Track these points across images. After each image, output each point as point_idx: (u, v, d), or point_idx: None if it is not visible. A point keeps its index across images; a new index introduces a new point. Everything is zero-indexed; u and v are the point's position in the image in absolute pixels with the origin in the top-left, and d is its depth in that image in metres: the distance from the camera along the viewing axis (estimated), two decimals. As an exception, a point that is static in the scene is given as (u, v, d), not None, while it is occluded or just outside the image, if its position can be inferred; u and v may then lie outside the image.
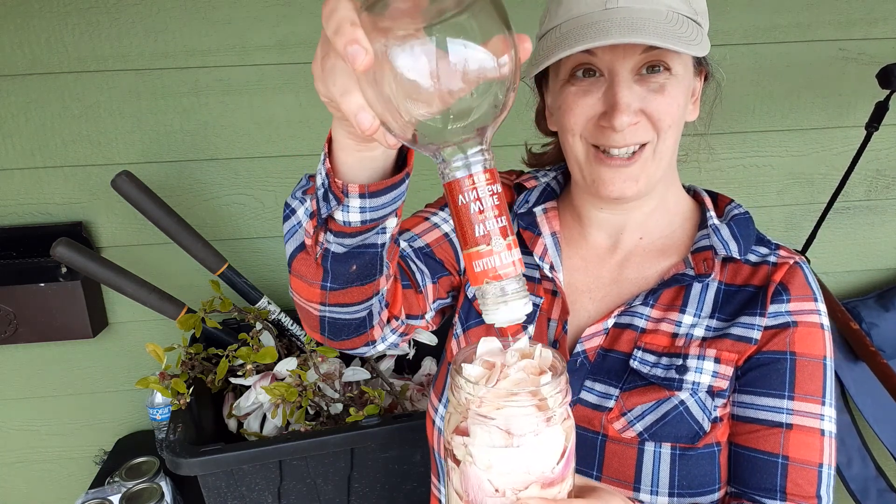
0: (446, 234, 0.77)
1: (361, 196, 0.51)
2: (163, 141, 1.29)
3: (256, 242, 1.39)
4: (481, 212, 0.42)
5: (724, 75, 0.73)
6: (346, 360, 1.16)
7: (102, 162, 1.29)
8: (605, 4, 0.62)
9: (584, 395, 0.68)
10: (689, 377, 0.63)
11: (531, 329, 0.72)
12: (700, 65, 0.68)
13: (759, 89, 1.38)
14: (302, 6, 1.23)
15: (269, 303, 1.22)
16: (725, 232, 0.67)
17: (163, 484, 1.17)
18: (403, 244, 0.73)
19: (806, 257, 0.66)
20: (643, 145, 0.64)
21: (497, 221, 0.42)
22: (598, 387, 0.67)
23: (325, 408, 1.08)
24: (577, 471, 0.48)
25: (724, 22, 1.32)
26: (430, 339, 1.18)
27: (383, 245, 0.57)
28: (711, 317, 0.66)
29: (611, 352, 0.68)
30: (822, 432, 0.61)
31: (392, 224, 0.56)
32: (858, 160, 1.27)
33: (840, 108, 1.42)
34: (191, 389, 1.03)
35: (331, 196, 0.52)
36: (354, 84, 0.43)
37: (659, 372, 0.64)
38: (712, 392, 0.63)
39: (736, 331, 0.64)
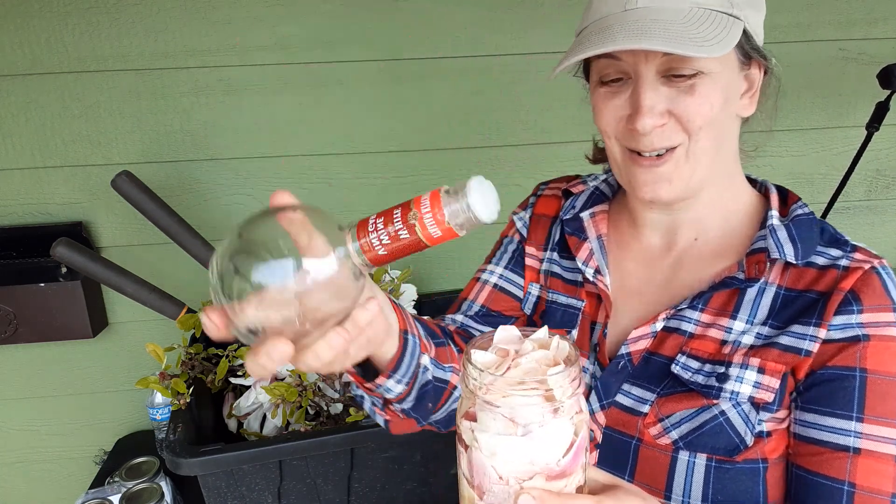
0: (494, 285, 0.79)
1: (391, 377, 0.58)
2: (163, 141, 1.29)
3: (256, 242, 1.39)
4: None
5: (779, 67, 0.68)
6: (346, 360, 1.16)
7: (102, 162, 1.29)
8: (624, 6, 0.62)
9: (621, 398, 0.66)
10: (729, 386, 0.60)
11: (574, 333, 0.72)
12: (749, 57, 0.63)
13: (759, 89, 1.38)
14: (302, 6, 1.23)
15: (269, 303, 1.22)
16: (783, 234, 0.63)
17: (163, 484, 1.17)
18: (460, 318, 0.77)
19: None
20: (674, 147, 0.62)
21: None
22: (636, 391, 0.65)
23: (325, 408, 1.08)
24: (611, 473, 0.48)
25: (724, 22, 1.32)
26: (430, 339, 1.18)
27: (434, 375, 0.63)
28: (764, 324, 0.62)
29: (655, 355, 0.65)
30: None
31: (426, 360, 0.61)
32: (859, 160, 1.27)
33: (840, 108, 1.42)
34: (191, 389, 1.03)
35: (375, 395, 0.61)
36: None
37: (700, 379, 0.62)
38: (755, 404, 0.60)
39: (785, 340, 0.60)
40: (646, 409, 0.64)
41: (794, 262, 0.61)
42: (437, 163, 1.37)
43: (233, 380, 1.08)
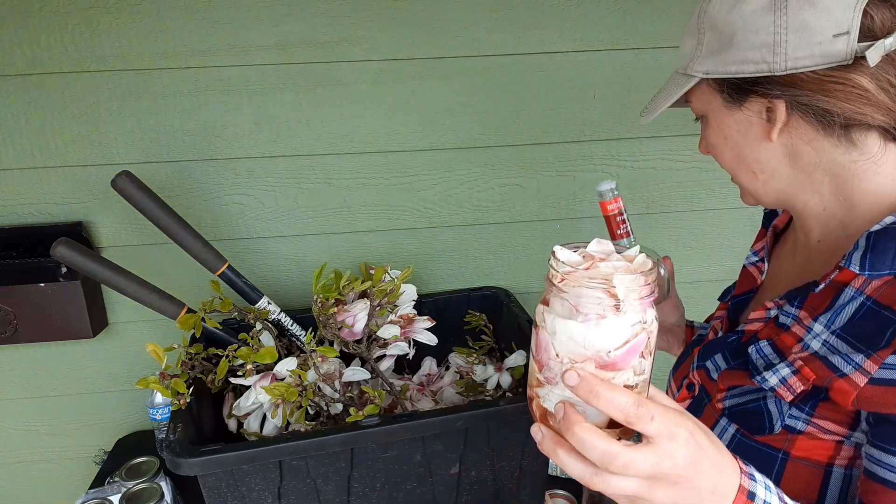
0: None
1: None
2: (163, 141, 1.29)
3: (256, 242, 1.39)
4: None
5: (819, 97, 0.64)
6: (347, 360, 1.16)
7: (102, 162, 1.29)
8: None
9: (709, 364, 0.74)
10: (765, 373, 0.64)
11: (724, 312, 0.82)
12: (737, 98, 0.65)
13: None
14: (302, 6, 1.23)
15: (269, 303, 1.22)
16: (863, 241, 0.61)
17: (163, 484, 1.17)
18: None
19: None
20: None
21: None
22: (718, 359, 0.72)
23: (325, 408, 1.08)
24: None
25: (723, 22, 1.33)
26: (429, 340, 1.18)
27: None
28: (836, 333, 0.60)
29: (754, 337, 0.70)
30: None
31: None
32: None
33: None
34: (191, 389, 1.03)
35: None
36: None
37: (760, 362, 0.66)
38: (776, 398, 0.63)
39: (834, 359, 0.59)
40: (715, 376, 0.72)
41: (861, 273, 0.60)
42: (437, 163, 1.37)
43: (233, 380, 1.08)
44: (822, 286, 0.64)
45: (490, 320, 1.36)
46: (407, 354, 1.21)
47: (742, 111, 0.66)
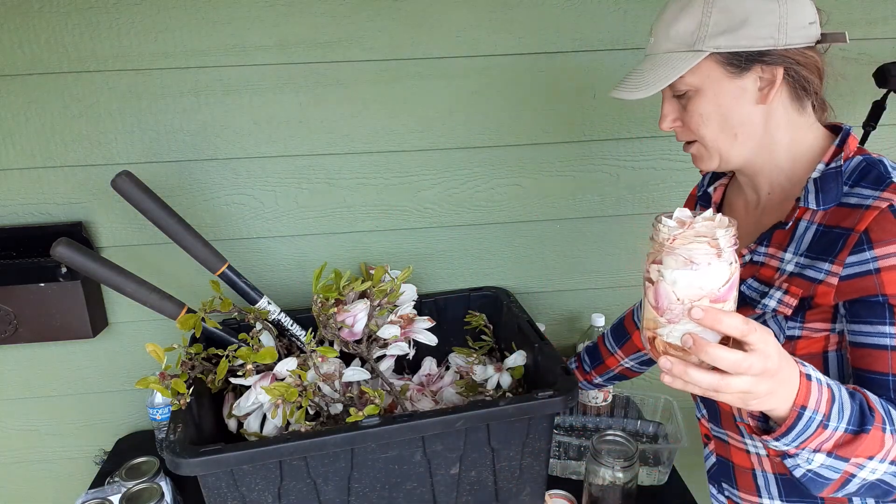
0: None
1: None
2: (163, 141, 1.29)
3: (256, 242, 1.39)
4: None
5: (811, 55, 0.83)
6: (347, 360, 1.16)
7: (102, 162, 1.29)
8: (646, 51, 0.87)
9: None
10: (764, 301, 0.82)
11: None
12: (741, 66, 0.79)
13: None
14: (302, 6, 1.23)
15: (269, 303, 1.22)
16: (811, 185, 0.80)
17: (163, 484, 1.17)
18: None
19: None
20: (693, 141, 0.86)
21: None
22: None
23: (325, 408, 1.08)
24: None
25: (723, 22, 1.33)
26: (429, 340, 1.18)
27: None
28: (803, 255, 0.79)
29: (741, 279, 0.85)
30: None
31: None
32: (858, 160, 1.27)
33: (840, 108, 1.41)
34: (191, 389, 1.03)
35: None
36: None
37: (754, 295, 0.84)
38: (777, 315, 0.80)
39: (808, 272, 0.78)
40: None
41: (816, 208, 0.79)
42: (437, 163, 1.37)
43: (233, 380, 1.08)
44: (789, 224, 0.82)
45: (490, 320, 1.36)
46: (407, 354, 1.21)
47: (743, 79, 0.80)
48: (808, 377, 0.67)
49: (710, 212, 0.66)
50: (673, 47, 0.81)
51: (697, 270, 0.61)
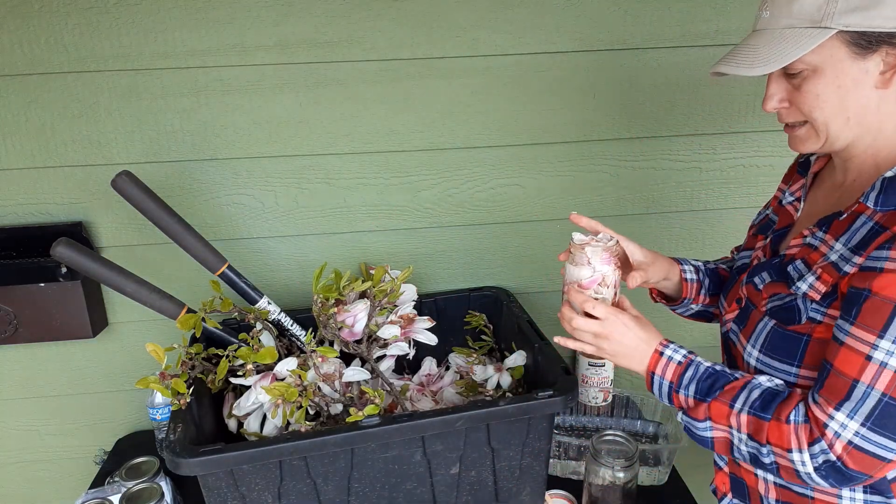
0: (756, 223, 1.07)
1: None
2: (163, 141, 1.29)
3: (256, 242, 1.39)
4: None
5: None
6: (347, 360, 1.16)
7: (102, 162, 1.29)
8: (755, 25, 0.83)
9: (756, 279, 0.92)
10: (798, 283, 0.84)
11: (766, 241, 0.99)
12: (867, 46, 0.75)
13: (759, 89, 1.38)
14: (302, 6, 1.23)
15: (269, 303, 1.22)
16: (878, 184, 0.79)
17: (163, 484, 1.17)
18: None
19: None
20: (799, 123, 0.84)
21: None
22: (764, 275, 0.91)
23: (326, 408, 1.08)
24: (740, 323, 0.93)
25: (724, 22, 1.33)
26: (429, 340, 1.18)
27: (702, 304, 1.13)
28: (850, 248, 0.79)
29: (792, 259, 0.87)
30: (869, 357, 0.74)
31: (690, 303, 1.12)
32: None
33: None
34: (191, 389, 1.03)
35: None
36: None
37: (793, 274, 0.85)
38: (806, 298, 0.82)
39: (841, 264, 0.79)
40: (761, 287, 0.91)
41: (874, 208, 0.78)
42: (437, 163, 1.37)
43: (233, 380, 1.08)
44: (845, 215, 0.82)
45: (490, 320, 1.36)
46: (407, 354, 1.21)
47: (867, 60, 0.76)
48: (661, 353, 0.90)
49: (601, 235, 0.98)
50: (795, 22, 0.76)
51: (576, 266, 0.94)
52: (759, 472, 0.94)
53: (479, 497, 1.08)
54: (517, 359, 1.22)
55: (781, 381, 0.85)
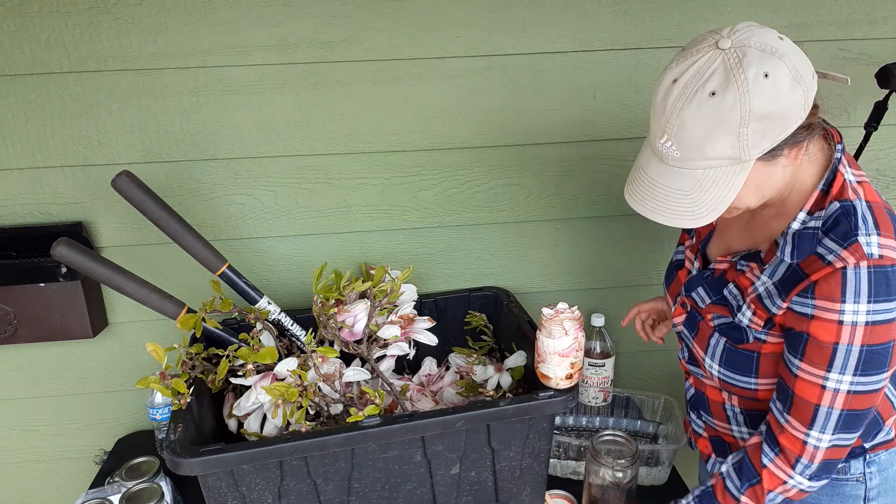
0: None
1: None
2: (163, 141, 1.29)
3: (256, 242, 1.39)
4: None
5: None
6: (347, 360, 1.16)
7: (102, 162, 1.29)
8: (659, 148, 0.84)
9: (695, 295, 1.03)
10: (739, 315, 0.95)
11: (692, 242, 1.10)
12: (776, 152, 0.82)
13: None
14: (302, 6, 1.23)
15: (269, 303, 1.22)
16: (789, 240, 0.89)
17: (163, 484, 1.17)
18: None
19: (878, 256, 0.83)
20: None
21: None
22: (702, 292, 1.02)
23: (326, 408, 1.08)
24: (688, 331, 1.05)
25: (724, 22, 1.32)
26: (430, 340, 1.18)
27: None
28: (774, 283, 0.90)
29: (723, 276, 0.99)
30: (824, 387, 0.86)
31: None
32: (857, 160, 1.27)
33: (839, 108, 1.41)
34: (191, 389, 1.03)
35: None
36: None
37: (731, 301, 0.97)
38: (748, 328, 0.94)
39: (767, 302, 0.91)
40: (703, 305, 1.01)
41: (790, 262, 0.89)
42: (437, 163, 1.38)
43: (233, 380, 1.08)
44: (765, 263, 0.92)
45: (490, 320, 1.36)
46: (407, 355, 1.21)
47: (777, 159, 0.83)
48: None
49: (561, 304, 1.04)
50: (713, 164, 0.81)
51: (554, 339, 1.01)
52: (735, 431, 1.06)
53: (480, 497, 1.08)
54: (517, 359, 1.22)
55: (732, 454, 0.99)
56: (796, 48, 0.81)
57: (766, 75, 0.76)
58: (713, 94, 0.77)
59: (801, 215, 0.88)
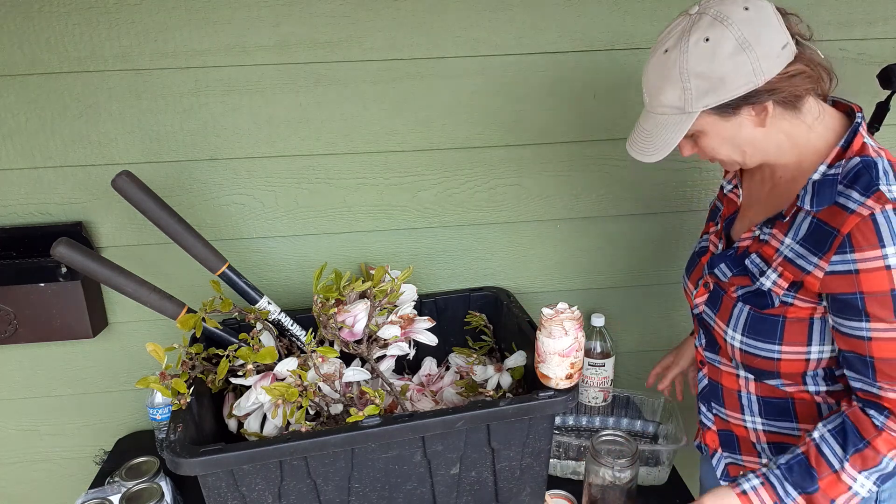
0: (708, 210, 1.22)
1: None
2: (163, 141, 1.29)
3: (256, 242, 1.39)
4: None
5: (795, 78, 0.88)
6: (347, 360, 1.16)
7: (102, 162, 1.29)
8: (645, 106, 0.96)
9: (717, 271, 1.05)
10: (762, 279, 0.96)
11: (717, 228, 1.12)
12: (732, 108, 0.89)
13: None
14: (302, 6, 1.23)
15: (269, 303, 1.22)
16: (810, 188, 0.91)
17: (163, 484, 1.17)
18: None
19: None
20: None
21: None
22: (724, 267, 1.03)
23: (325, 408, 1.08)
24: (709, 306, 1.07)
25: (724, 22, 1.32)
26: (429, 340, 1.18)
27: None
28: (799, 242, 0.92)
29: (746, 251, 1.01)
30: None
31: None
32: (858, 160, 1.27)
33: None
34: (191, 389, 1.04)
35: None
36: None
37: (754, 270, 0.98)
38: (772, 292, 0.95)
39: (800, 262, 0.91)
40: (725, 279, 1.03)
41: (810, 209, 0.91)
42: (437, 163, 1.38)
43: (233, 380, 1.08)
44: (787, 218, 0.94)
45: (490, 320, 1.36)
46: (407, 355, 1.21)
47: (738, 116, 0.90)
48: (744, 492, 0.95)
49: (561, 304, 1.05)
50: (667, 111, 0.91)
51: (549, 338, 1.02)
52: (748, 422, 1.07)
53: (479, 497, 1.08)
54: (517, 359, 1.22)
55: (823, 420, 0.95)
56: (764, 20, 0.86)
57: (707, 39, 0.85)
58: (666, 51, 0.89)
59: (822, 167, 0.91)
